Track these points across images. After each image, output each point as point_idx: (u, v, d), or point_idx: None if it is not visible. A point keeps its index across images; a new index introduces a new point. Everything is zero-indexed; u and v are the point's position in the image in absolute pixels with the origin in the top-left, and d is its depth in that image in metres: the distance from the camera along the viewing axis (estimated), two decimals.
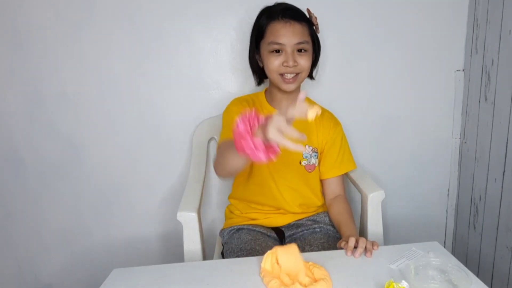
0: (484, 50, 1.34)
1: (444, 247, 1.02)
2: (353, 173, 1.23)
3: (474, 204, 1.46)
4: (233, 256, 1.02)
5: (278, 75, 1.03)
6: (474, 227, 1.47)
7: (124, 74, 1.37)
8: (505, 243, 1.28)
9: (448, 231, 1.63)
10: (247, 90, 1.39)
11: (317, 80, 1.20)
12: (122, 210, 1.50)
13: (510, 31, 1.20)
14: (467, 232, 1.52)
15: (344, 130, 1.20)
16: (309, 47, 1.04)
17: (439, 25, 1.41)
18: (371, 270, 0.81)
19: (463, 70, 1.47)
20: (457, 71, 1.47)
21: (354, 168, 1.20)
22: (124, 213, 1.50)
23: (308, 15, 1.06)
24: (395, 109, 1.48)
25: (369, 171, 1.46)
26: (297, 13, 1.03)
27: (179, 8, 1.33)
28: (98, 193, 1.48)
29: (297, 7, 1.05)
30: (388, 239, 1.45)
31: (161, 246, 1.55)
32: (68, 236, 1.51)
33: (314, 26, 1.07)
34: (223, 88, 1.41)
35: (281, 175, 1.11)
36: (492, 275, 1.37)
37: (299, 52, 1.02)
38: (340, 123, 1.19)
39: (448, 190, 1.59)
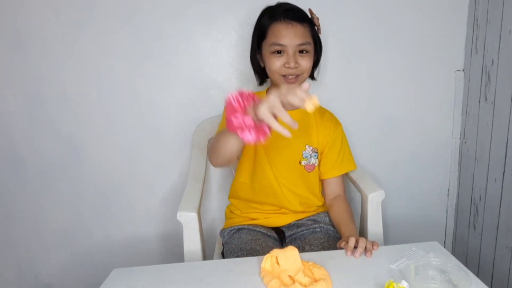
0: (484, 50, 1.34)
1: (444, 247, 1.02)
2: (353, 173, 1.23)
3: (474, 204, 1.46)
4: (233, 256, 1.02)
5: (280, 76, 1.03)
6: (474, 227, 1.47)
7: (124, 74, 1.37)
8: (505, 243, 1.28)
9: (448, 231, 1.63)
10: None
11: (317, 80, 1.20)
12: (122, 210, 1.50)
13: (510, 31, 1.20)
14: (467, 232, 1.52)
15: (344, 130, 1.20)
16: (310, 48, 1.04)
17: (439, 25, 1.41)
18: (371, 270, 0.81)
19: (463, 70, 1.47)
20: (457, 71, 1.47)
21: (354, 169, 1.20)
22: (124, 213, 1.50)
23: (310, 16, 1.06)
24: (395, 109, 1.48)
25: (369, 171, 1.46)
26: (299, 13, 1.03)
27: (179, 8, 1.33)
28: (98, 193, 1.48)
29: (299, 8, 1.04)
30: (388, 239, 1.45)
31: (161, 246, 1.55)
32: (68, 236, 1.51)
33: (316, 27, 1.07)
34: (223, 88, 1.41)
35: (281, 174, 1.11)
36: (492, 275, 1.37)
37: (301, 53, 1.02)
38: (340, 124, 1.19)
39: (448, 190, 1.59)
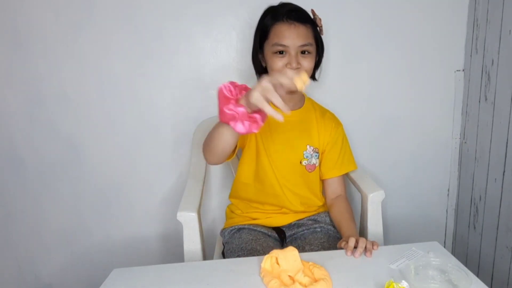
0: (484, 50, 1.34)
1: (444, 247, 1.02)
2: (353, 173, 1.23)
3: (474, 204, 1.46)
4: (234, 255, 1.02)
5: None
6: (474, 227, 1.47)
7: (124, 74, 1.37)
8: (505, 243, 1.28)
9: (448, 231, 1.63)
10: None
11: (317, 80, 1.20)
12: (122, 210, 1.50)
13: (510, 31, 1.20)
14: (467, 232, 1.52)
15: (345, 130, 1.20)
16: (312, 49, 1.04)
17: (439, 25, 1.41)
18: (371, 270, 0.81)
19: (463, 70, 1.47)
20: (457, 71, 1.47)
21: (355, 169, 1.20)
22: (124, 213, 1.50)
23: (312, 17, 1.06)
24: (395, 109, 1.48)
25: (369, 171, 1.46)
26: (302, 14, 1.02)
27: (179, 8, 1.33)
28: (98, 193, 1.48)
29: (302, 8, 1.04)
30: (388, 239, 1.45)
31: (161, 246, 1.55)
32: (68, 236, 1.51)
33: (318, 28, 1.06)
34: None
35: (282, 175, 1.11)
36: (492, 275, 1.37)
37: (303, 54, 1.01)
38: (341, 124, 1.19)
39: (448, 190, 1.59)
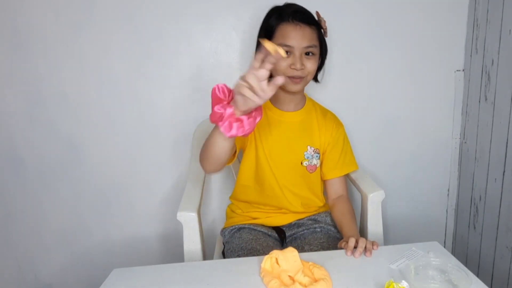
0: (484, 50, 1.34)
1: (444, 247, 1.02)
2: (353, 173, 1.22)
3: (474, 204, 1.46)
4: (234, 255, 1.02)
5: (286, 77, 1.03)
6: (474, 227, 1.47)
7: (124, 74, 1.37)
8: (505, 243, 1.28)
9: (448, 231, 1.63)
10: None
11: (319, 82, 1.20)
12: (122, 210, 1.50)
13: (510, 31, 1.20)
14: (467, 232, 1.52)
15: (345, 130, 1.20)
16: (316, 51, 1.04)
17: (439, 25, 1.41)
18: (371, 270, 0.81)
19: (463, 70, 1.47)
20: (457, 71, 1.47)
21: (356, 169, 1.20)
22: (124, 213, 1.50)
23: (317, 18, 1.05)
24: (395, 109, 1.48)
25: (369, 171, 1.46)
26: (308, 16, 1.02)
27: (179, 8, 1.33)
28: (98, 193, 1.48)
29: (307, 10, 1.04)
30: (388, 239, 1.45)
31: (161, 246, 1.55)
32: (68, 236, 1.51)
33: (322, 30, 1.06)
34: None
35: (283, 176, 1.11)
36: (492, 275, 1.37)
37: (307, 56, 1.01)
38: (342, 124, 1.19)
39: (448, 190, 1.59)
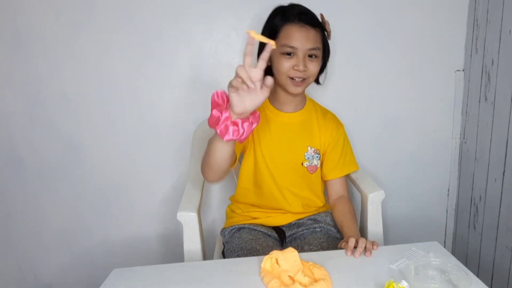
0: (484, 50, 1.34)
1: (444, 247, 1.02)
2: (353, 173, 1.22)
3: (474, 204, 1.46)
4: (234, 255, 1.02)
5: (287, 78, 1.02)
6: (474, 227, 1.47)
7: (124, 74, 1.37)
8: (505, 243, 1.28)
9: (448, 231, 1.63)
10: None
11: (321, 84, 1.20)
12: (122, 210, 1.50)
13: (510, 31, 1.20)
14: (467, 232, 1.52)
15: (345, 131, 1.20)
16: (320, 53, 1.03)
17: (439, 25, 1.41)
18: (371, 270, 0.81)
19: (463, 70, 1.47)
20: (457, 71, 1.47)
21: (356, 169, 1.20)
22: (124, 213, 1.50)
23: (321, 21, 1.05)
24: (395, 109, 1.48)
25: (369, 171, 1.46)
26: (313, 18, 1.02)
27: (179, 8, 1.33)
28: (98, 193, 1.48)
29: (312, 12, 1.03)
30: (388, 239, 1.45)
31: (161, 246, 1.55)
32: (68, 236, 1.51)
33: (326, 33, 1.06)
34: (223, 88, 1.39)
35: (283, 177, 1.11)
36: (492, 275, 1.37)
37: (310, 58, 1.01)
38: (342, 125, 1.19)
39: (448, 190, 1.59)
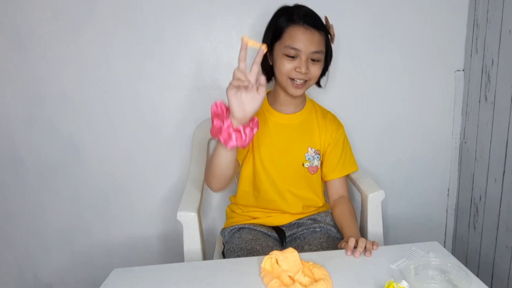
0: (484, 50, 1.34)
1: (444, 247, 1.02)
2: (353, 173, 1.22)
3: (474, 204, 1.46)
4: (234, 255, 1.02)
5: (288, 79, 1.02)
6: (474, 227, 1.47)
7: (124, 74, 1.37)
8: (505, 243, 1.28)
9: (448, 231, 1.63)
10: None
11: (322, 87, 1.20)
12: (122, 210, 1.50)
13: (510, 31, 1.20)
14: (467, 232, 1.52)
15: (345, 130, 1.20)
16: (322, 56, 1.03)
17: (439, 25, 1.41)
18: (371, 270, 0.81)
19: (463, 70, 1.47)
20: (457, 71, 1.47)
21: (356, 170, 1.20)
22: (124, 213, 1.50)
23: (325, 23, 1.05)
24: (395, 109, 1.48)
25: (369, 171, 1.46)
26: (318, 21, 1.02)
27: (179, 9, 1.33)
28: (98, 193, 1.48)
29: (317, 14, 1.03)
30: (388, 239, 1.46)
31: (161, 246, 1.55)
32: (68, 236, 1.51)
33: (329, 36, 1.06)
34: (223, 88, 1.39)
35: (284, 179, 1.11)
36: (492, 275, 1.37)
37: (312, 61, 1.01)
38: (342, 125, 1.19)
39: (448, 190, 1.59)
